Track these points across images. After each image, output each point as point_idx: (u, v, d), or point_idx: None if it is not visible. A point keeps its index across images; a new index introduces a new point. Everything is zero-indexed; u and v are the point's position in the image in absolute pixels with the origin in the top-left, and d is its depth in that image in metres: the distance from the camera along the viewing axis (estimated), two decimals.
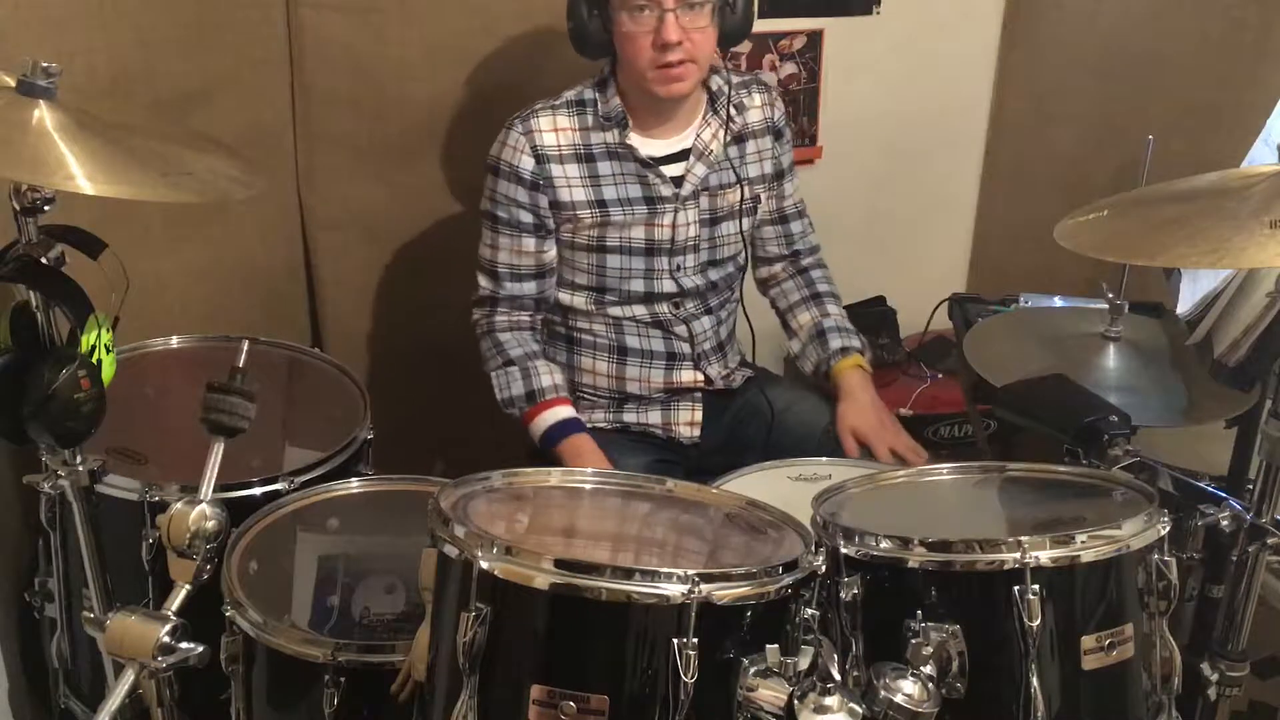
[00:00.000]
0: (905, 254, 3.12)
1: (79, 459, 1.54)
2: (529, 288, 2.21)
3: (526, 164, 2.12)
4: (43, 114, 1.39)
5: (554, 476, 1.57)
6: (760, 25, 2.75)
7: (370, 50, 2.43)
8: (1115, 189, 1.81)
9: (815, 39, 2.84)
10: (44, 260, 1.44)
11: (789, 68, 2.84)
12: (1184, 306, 2.08)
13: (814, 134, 2.92)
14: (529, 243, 2.17)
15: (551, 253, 2.20)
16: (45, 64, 1.41)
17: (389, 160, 2.54)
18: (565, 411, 2.18)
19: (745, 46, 2.77)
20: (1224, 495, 1.63)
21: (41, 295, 1.46)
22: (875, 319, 3.00)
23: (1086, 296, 2.35)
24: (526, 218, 2.15)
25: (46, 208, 1.44)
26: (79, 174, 1.34)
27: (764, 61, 2.81)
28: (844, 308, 2.93)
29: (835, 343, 2.31)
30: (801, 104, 2.88)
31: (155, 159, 1.48)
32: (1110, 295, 2.06)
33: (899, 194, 3.07)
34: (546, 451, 2.17)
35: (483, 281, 2.23)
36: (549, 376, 2.19)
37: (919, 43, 2.91)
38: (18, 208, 1.43)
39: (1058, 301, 2.51)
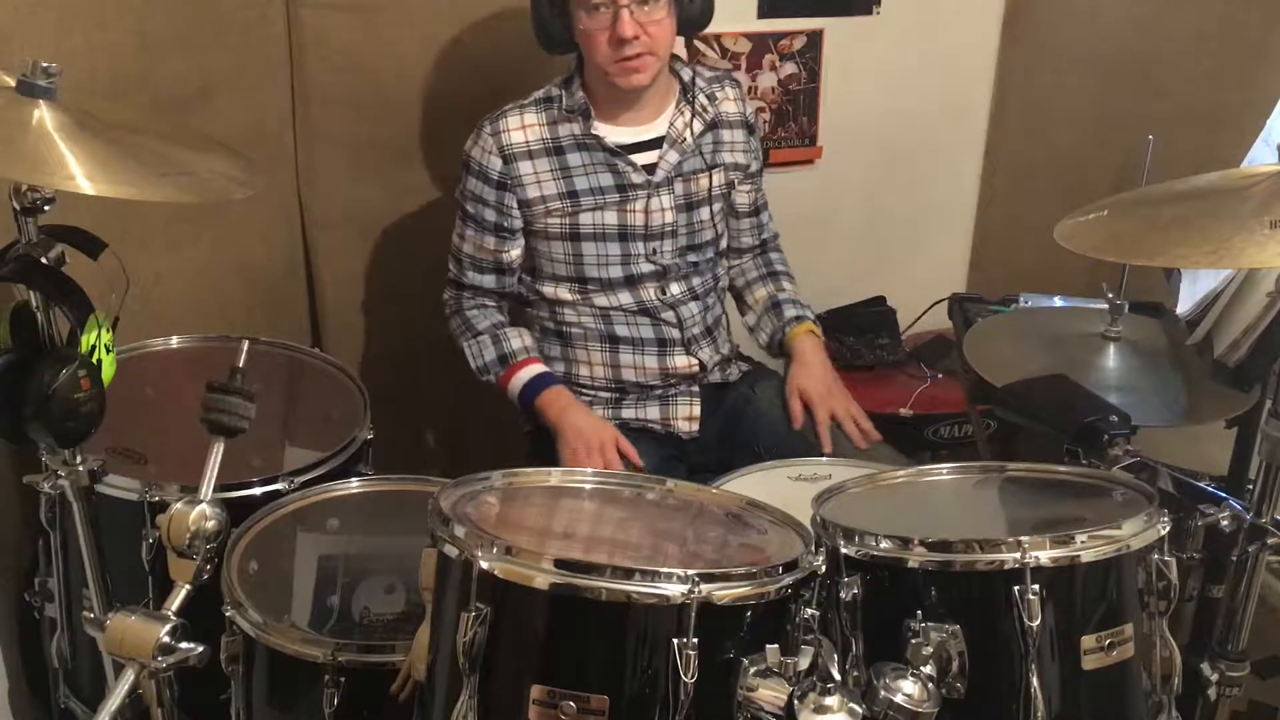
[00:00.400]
0: (905, 254, 3.12)
1: (79, 459, 1.54)
2: (489, 280, 2.27)
3: (494, 164, 2.17)
4: (43, 114, 1.39)
5: (554, 476, 1.57)
6: (760, 25, 2.77)
7: (370, 50, 2.43)
8: (1115, 189, 1.80)
9: (815, 39, 2.84)
10: (44, 260, 1.44)
11: (789, 68, 2.84)
12: (1184, 306, 2.08)
13: (814, 134, 2.92)
14: (489, 240, 2.22)
15: (512, 254, 2.24)
16: (45, 64, 1.41)
17: (388, 160, 2.54)
18: (538, 368, 2.23)
19: (745, 46, 2.78)
20: (1224, 495, 1.63)
21: (41, 295, 1.46)
22: (875, 319, 3.00)
23: (1086, 296, 2.35)
24: (490, 216, 2.20)
25: (46, 208, 1.44)
26: (79, 174, 1.34)
27: (764, 61, 2.81)
28: (844, 308, 2.96)
29: (790, 312, 2.37)
30: (801, 104, 2.88)
31: (155, 159, 1.48)
32: (1110, 295, 2.06)
33: (899, 194, 3.07)
34: (528, 410, 2.22)
35: (451, 266, 2.31)
36: (519, 340, 2.25)
37: (919, 43, 2.91)
38: (18, 208, 1.43)
39: (1058, 301, 2.51)
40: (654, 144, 2.22)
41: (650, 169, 2.21)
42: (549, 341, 2.31)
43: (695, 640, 1.22)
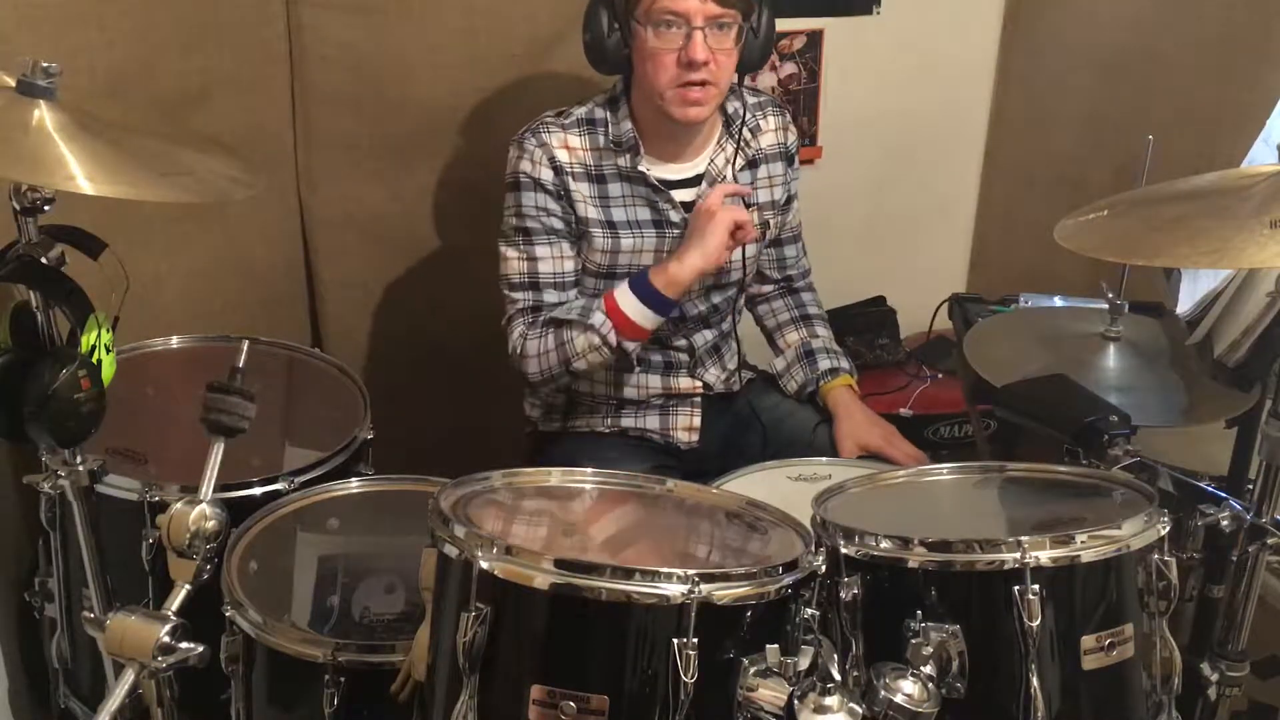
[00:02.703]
0: (905, 254, 3.12)
1: (79, 459, 1.54)
2: (572, 295, 2.13)
3: (547, 175, 2.06)
4: (43, 114, 1.39)
5: (554, 476, 1.57)
6: None
7: (370, 50, 2.43)
8: (1115, 189, 1.81)
9: (815, 39, 2.84)
10: (44, 260, 1.44)
11: (789, 68, 2.84)
12: (1184, 306, 2.08)
13: (814, 134, 2.92)
14: (567, 247, 2.10)
15: (581, 256, 2.14)
16: (45, 64, 1.41)
17: (389, 160, 2.54)
18: (623, 284, 2.04)
19: None
20: (1224, 495, 1.63)
21: (41, 295, 1.46)
22: (875, 319, 3.00)
23: (1086, 296, 2.35)
24: (559, 224, 2.09)
25: (46, 208, 1.44)
26: (79, 174, 1.34)
27: None
28: (844, 308, 2.96)
29: (824, 363, 2.30)
30: (801, 104, 2.88)
31: (155, 159, 1.48)
32: (1110, 295, 2.06)
33: (899, 194, 3.07)
34: (661, 305, 2.02)
35: (520, 296, 2.11)
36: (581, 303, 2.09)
37: (919, 43, 2.91)
38: (18, 208, 1.43)
39: (1058, 301, 2.51)
40: (693, 181, 2.14)
41: (688, 206, 2.13)
42: None
43: (695, 640, 1.22)
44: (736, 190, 2.12)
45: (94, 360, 1.46)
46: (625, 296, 2.03)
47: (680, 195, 2.13)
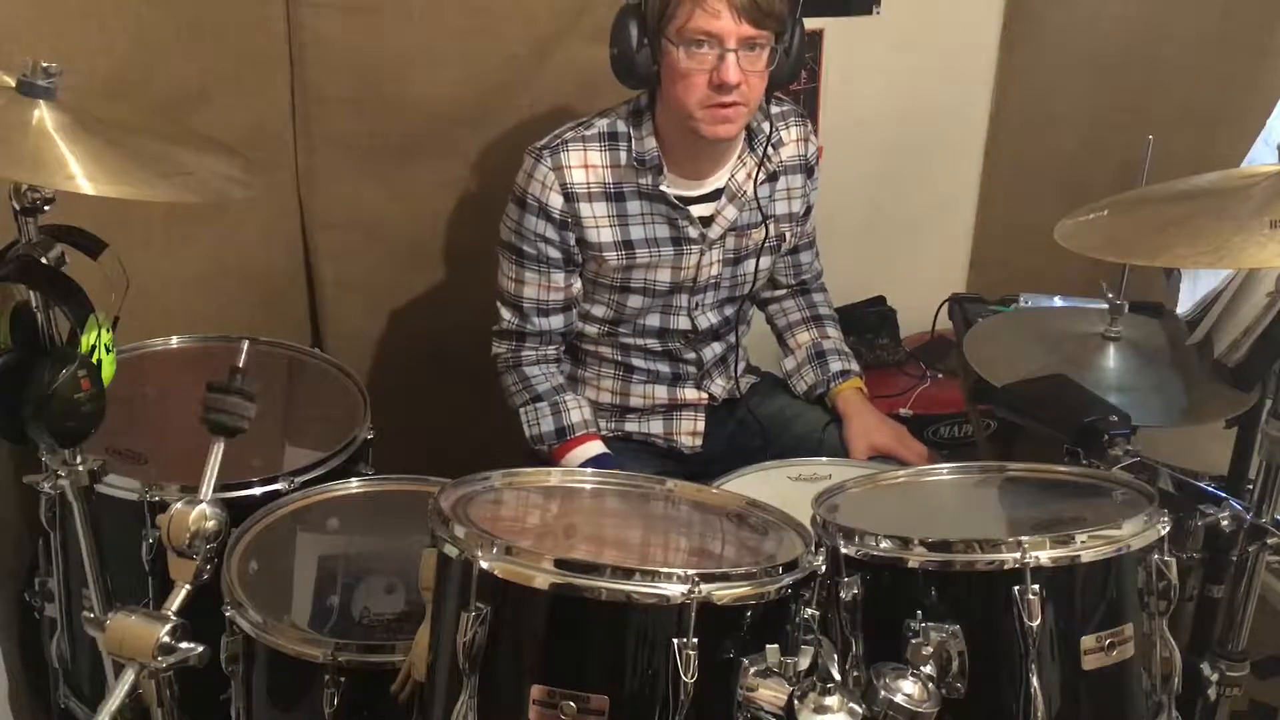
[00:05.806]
0: (905, 254, 3.12)
1: (79, 459, 1.54)
2: (557, 322, 2.16)
3: (555, 201, 2.04)
4: (43, 114, 1.39)
5: (554, 476, 1.57)
6: None
7: (370, 50, 2.43)
8: (1115, 189, 1.81)
9: (815, 39, 2.83)
10: (44, 260, 1.44)
11: None
12: (1184, 306, 2.08)
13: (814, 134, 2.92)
14: (558, 278, 2.11)
15: (578, 284, 2.15)
16: (45, 64, 1.41)
17: (389, 160, 2.53)
18: (596, 448, 2.14)
19: None
20: (1224, 495, 1.63)
21: (41, 295, 1.46)
22: (875, 319, 3.00)
23: (1086, 296, 2.35)
24: (555, 254, 2.09)
25: (46, 208, 1.44)
26: (79, 174, 1.34)
27: None
28: (844, 306, 2.96)
29: (835, 365, 2.30)
30: (801, 104, 2.88)
31: (155, 159, 1.48)
32: (1110, 295, 2.06)
33: (899, 194, 3.07)
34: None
35: (506, 315, 2.16)
36: (579, 412, 2.15)
37: (919, 43, 2.91)
38: (18, 208, 1.43)
39: (1058, 301, 2.51)
40: (712, 196, 2.12)
41: (706, 221, 2.12)
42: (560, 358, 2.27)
43: (695, 640, 1.22)
44: None
45: (94, 360, 1.46)
46: (573, 459, 2.12)
47: (698, 210, 2.12)
